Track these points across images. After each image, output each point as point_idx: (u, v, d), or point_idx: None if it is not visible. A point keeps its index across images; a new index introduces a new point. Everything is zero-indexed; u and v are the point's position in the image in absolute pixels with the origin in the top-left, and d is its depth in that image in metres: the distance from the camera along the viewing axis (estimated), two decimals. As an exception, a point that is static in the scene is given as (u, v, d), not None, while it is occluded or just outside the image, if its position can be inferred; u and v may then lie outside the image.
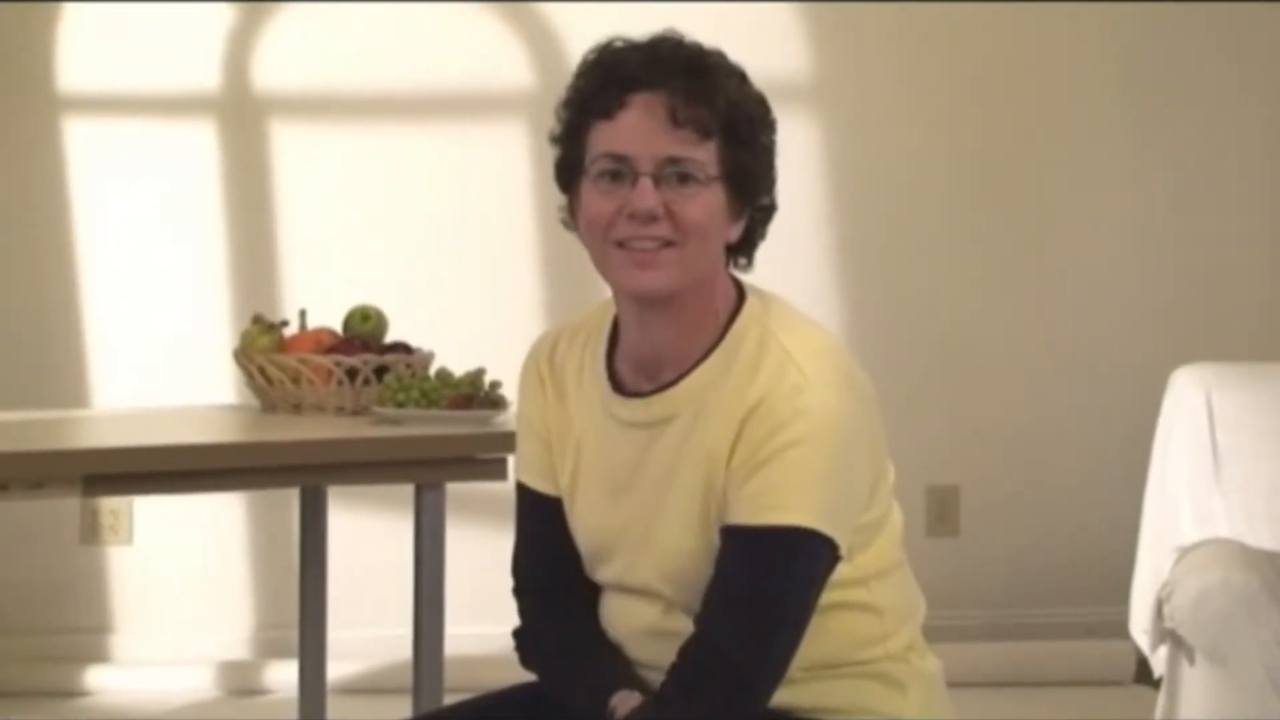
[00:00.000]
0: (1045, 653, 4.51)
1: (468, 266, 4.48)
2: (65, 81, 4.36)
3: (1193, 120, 4.81)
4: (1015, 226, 4.75)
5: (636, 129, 1.91)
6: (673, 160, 1.91)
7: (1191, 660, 2.99)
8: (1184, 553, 3.11)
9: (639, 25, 4.58)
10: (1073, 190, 4.77)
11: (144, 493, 3.40)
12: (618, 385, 2.02)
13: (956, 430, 4.72)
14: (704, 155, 1.92)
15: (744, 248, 2.03)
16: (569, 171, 2.01)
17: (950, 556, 4.59)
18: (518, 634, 2.15)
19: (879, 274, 4.67)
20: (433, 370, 3.16)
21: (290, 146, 4.46)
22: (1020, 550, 4.69)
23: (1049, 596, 4.65)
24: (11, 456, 2.69)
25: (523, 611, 2.15)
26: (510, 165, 4.49)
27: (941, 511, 4.69)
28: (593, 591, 2.10)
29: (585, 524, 2.06)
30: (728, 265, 2.02)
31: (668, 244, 1.92)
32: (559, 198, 2.06)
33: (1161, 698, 3.17)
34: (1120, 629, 3.69)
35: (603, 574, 2.06)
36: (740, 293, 2.03)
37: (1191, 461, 3.40)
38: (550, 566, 2.12)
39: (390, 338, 3.26)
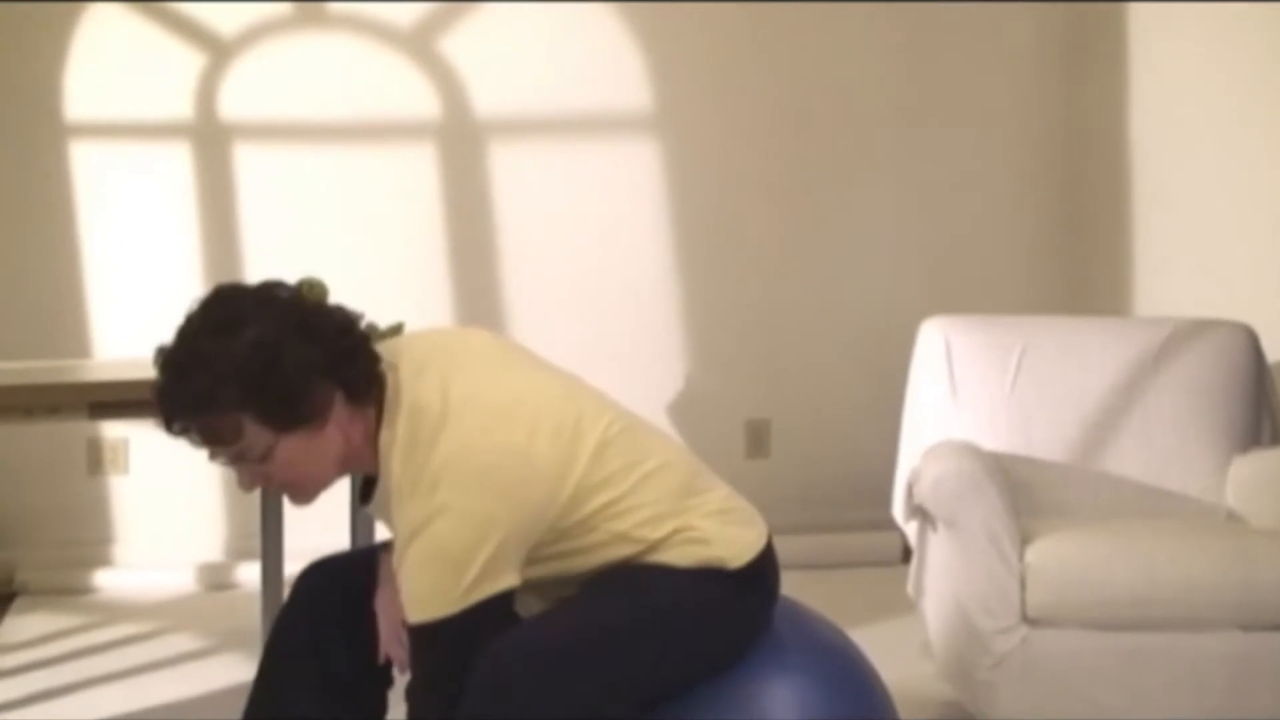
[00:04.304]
0: (835, 543, 4.58)
1: (388, 246, 4.45)
2: (71, 112, 4.32)
3: (943, 129, 4.81)
4: (809, 219, 4.75)
5: (203, 445, 1.88)
6: (233, 459, 1.88)
7: (934, 528, 3.03)
8: (928, 450, 3.14)
9: (516, 75, 4.62)
10: (849, 189, 4.76)
11: (139, 417, 3.38)
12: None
13: (768, 376, 4.73)
14: (249, 441, 1.85)
15: (351, 388, 1.91)
16: None
17: (763, 474, 4.60)
18: None
19: (708, 258, 4.68)
20: (363, 325, 3.21)
21: (248, 159, 4.41)
22: (816, 467, 4.71)
23: (837, 500, 4.67)
24: (34, 388, 2.73)
25: None
26: (419, 175, 4.49)
27: (756, 439, 4.71)
28: None
29: None
30: (356, 397, 1.91)
31: (289, 486, 1.92)
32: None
33: (914, 560, 3.22)
34: (890, 523, 3.63)
35: None
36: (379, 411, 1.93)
37: (935, 388, 3.41)
38: None
39: (330, 302, 3.30)
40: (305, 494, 1.94)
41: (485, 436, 1.88)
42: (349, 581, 2.10)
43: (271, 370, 1.83)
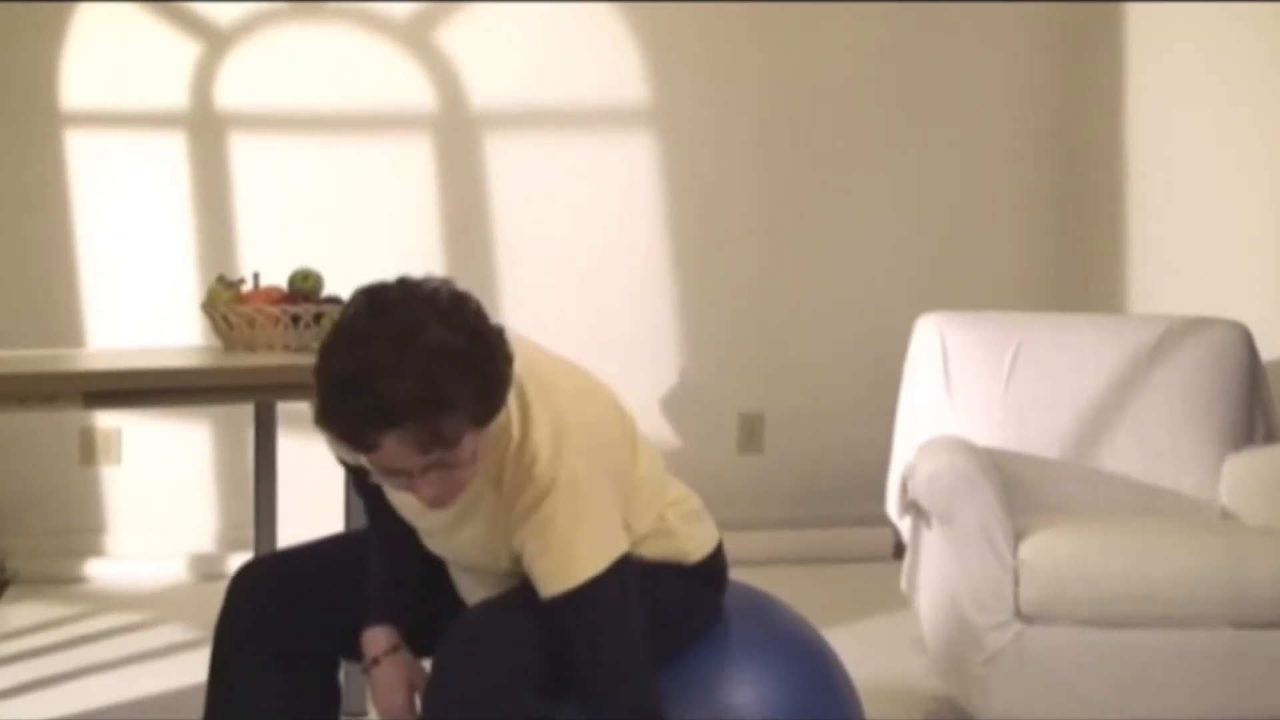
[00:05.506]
0: (827, 538, 4.59)
1: (383, 238, 4.43)
2: (66, 101, 4.30)
3: (939, 126, 4.81)
4: (804, 214, 4.74)
5: (397, 457, 1.69)
6: (436, 464, 1.71)
7: (928, 524, 3.03)
8: (922, 446, 3.13)
9: (512, 67, 4.63)
10: (845, 184, 4.76)
11: (134, 406, 3.35)
12: None
13: (761, 370, 4.73)
14: (465, 441, 1.70)
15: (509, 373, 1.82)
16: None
17: (757, 468, 4.64)
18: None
19: (703, 251, 4.68)
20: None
21: (244, 149, 4.40)
22: (808, 462, 4.71)
23: (830, 496, 4.67)
24: (29, 376, 2.71)
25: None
26: (415, 167, 4.48)
27: (750, 433, 4.71)
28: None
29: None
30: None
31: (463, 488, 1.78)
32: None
33: (907, 556, 3.22)
34: (883, 519, 3.67)
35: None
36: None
37: (930, 384, 3.42)
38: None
39: (325, 293, 3.26)
40: (461, 494, 1.78)
41: (586, 410, 1.88)
42: (285, 571, 2.11)
43: (491, 362, 1.71)
